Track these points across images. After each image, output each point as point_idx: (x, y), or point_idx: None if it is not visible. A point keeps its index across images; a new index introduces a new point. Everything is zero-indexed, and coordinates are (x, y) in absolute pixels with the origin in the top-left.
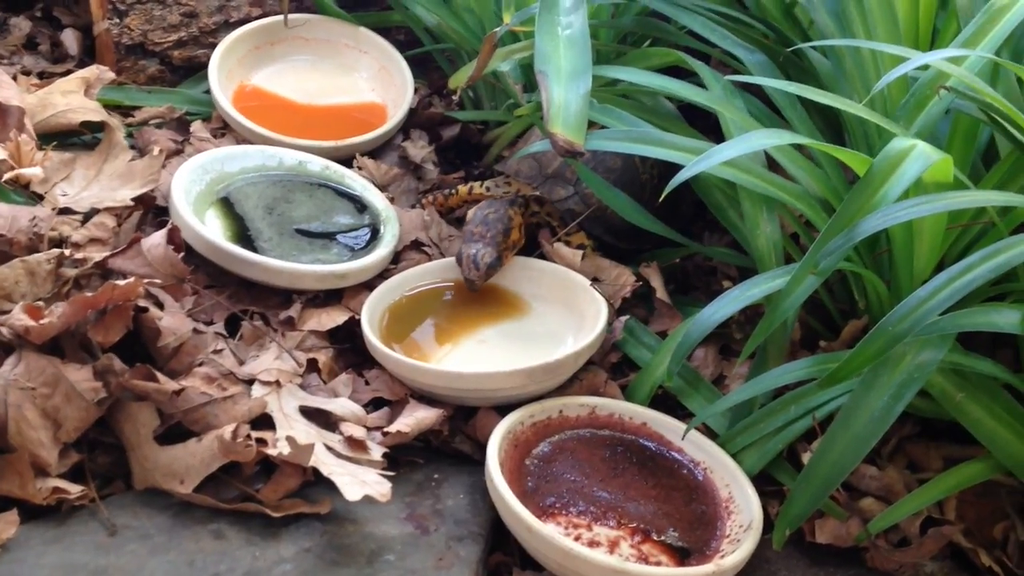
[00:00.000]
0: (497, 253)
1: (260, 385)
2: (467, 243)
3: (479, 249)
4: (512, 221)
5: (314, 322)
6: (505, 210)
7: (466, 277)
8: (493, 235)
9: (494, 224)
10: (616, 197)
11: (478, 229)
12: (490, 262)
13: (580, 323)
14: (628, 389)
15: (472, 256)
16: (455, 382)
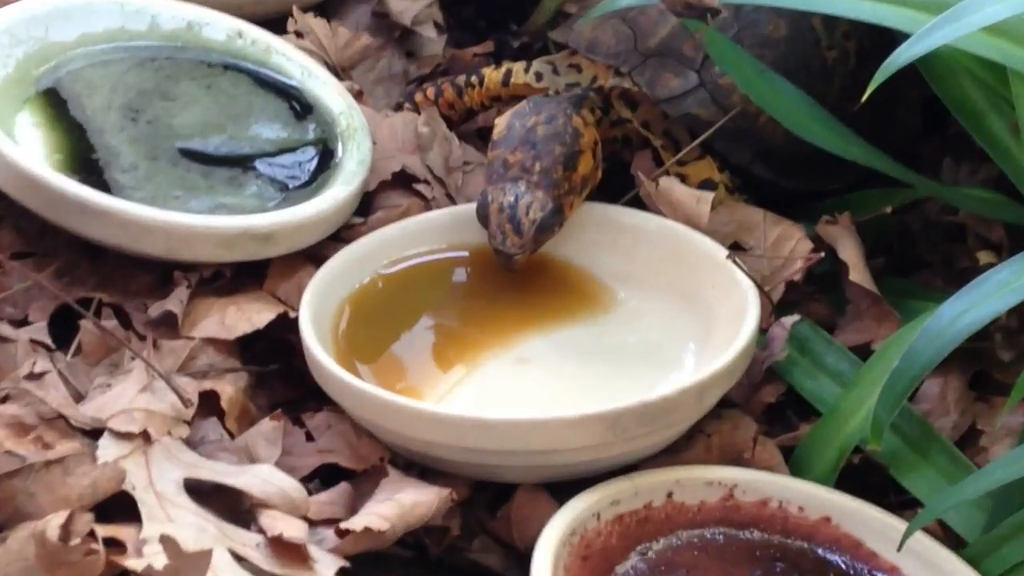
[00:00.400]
0: (554, 200)
1: (113, 439)
2: (497, 182)
3: (520, 194)
4: (580, 139)
5: (213, 323)
6: (566, 118)
7: (497, 248)
8: (545, 166)
9: (546, 145)
10: (779, 93)
11: (517, 155)
12: (542, 218)
13: (707, 328)
14: (797, 454)
15: (508, 208)
16: (472, 436)
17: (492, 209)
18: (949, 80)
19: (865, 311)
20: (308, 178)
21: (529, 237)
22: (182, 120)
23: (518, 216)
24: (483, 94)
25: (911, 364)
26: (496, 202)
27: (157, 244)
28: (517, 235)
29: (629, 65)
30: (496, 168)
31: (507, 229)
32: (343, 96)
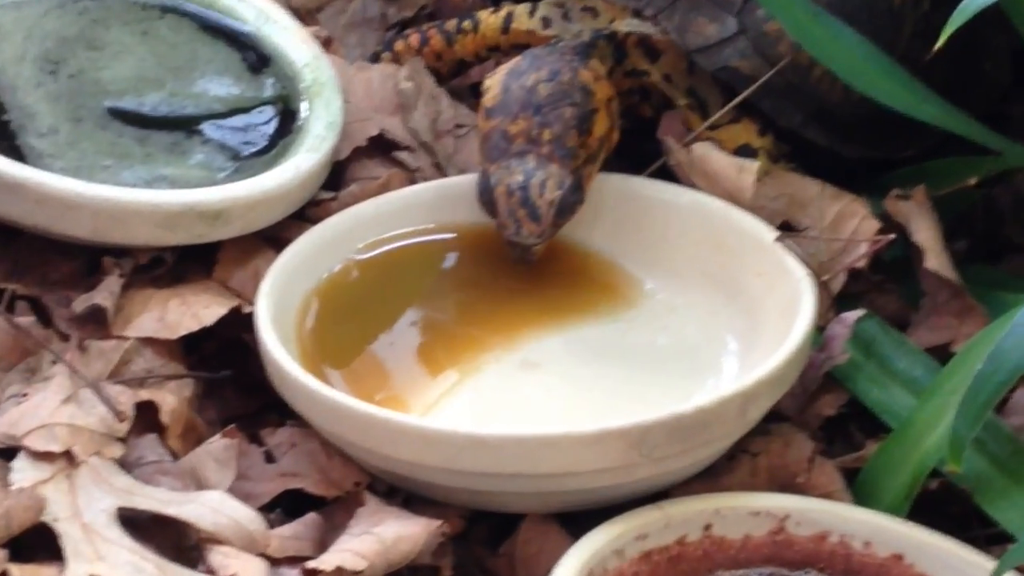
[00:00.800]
0: (572, 174)
1: (30, 461)
2: (499, 159)
3: (530, 171)
4: (592, 95)
5: (151, 319)
6: (572, 72)
7: (511, 239)
8: (556, 133)
9: (553, 107)
10: (837, 41)
11: (520, 123)
12: (561, 197)
13: (752, 326)
14: (862, 478)
15: (519, 189)
16: (467, 457)
17: (499, 193)
18: None
19: (944, 305)
20: (266, 144)
21: (548, 222)
22: (112, 74)
23: (532, 198)
24: (478, 42)
25: (998, 368)
26: (502, 184)
27: (82, 224)
28: (534, 222)
29: (655, 7)
30: (495, 142)
31: (521, 216)
32: (308, 45)
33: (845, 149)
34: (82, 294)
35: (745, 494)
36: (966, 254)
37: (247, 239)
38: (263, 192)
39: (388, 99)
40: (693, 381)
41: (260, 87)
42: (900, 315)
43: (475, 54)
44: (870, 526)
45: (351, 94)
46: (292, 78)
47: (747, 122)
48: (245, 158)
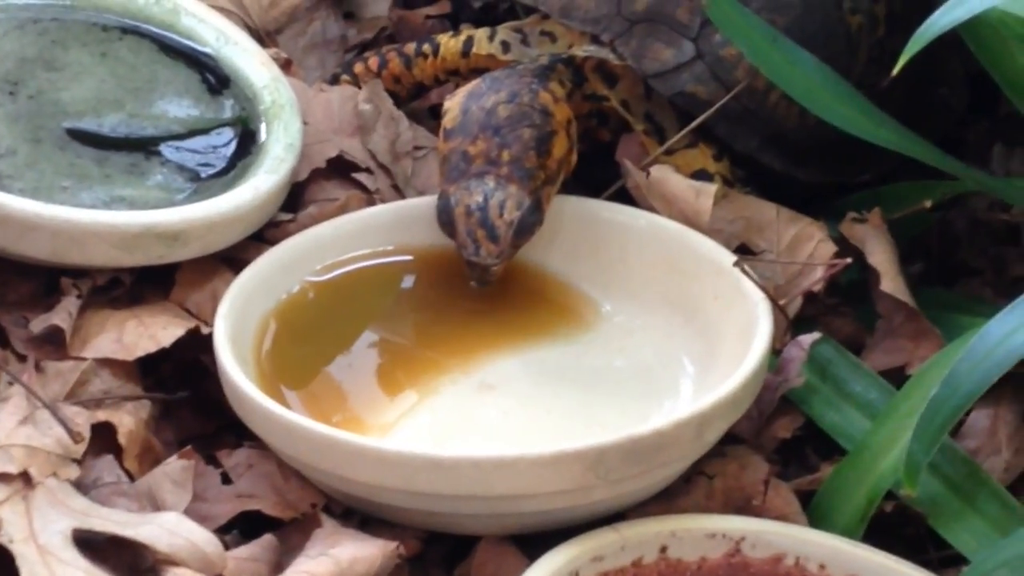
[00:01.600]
0: (530, 194)
1: None
2: (458, 180)
3: (489, 192)
4: (551, 117)
5: (108, 340)
6: (531, 94)
7: (470, 259)
8: (515, 155)
9: (512, 128)
10: (795, 66)
11: (479, 145)
12: (520, 218)
13: (709, 349)
14: (817, 500)
15: (477, 210)
16: (424, 478)
17: (457, 214)
18: (998, 50)
19: (899, 328)
20: (224, 165)
21: (507, 242)
22: (71, 95)
23: (490, 219)
24: (437, 66)
25: (953, 391)
26: (461, 204)
27: (40, 245)
28: (492, 242)
29: (612, 32)
30: (455, 163)
31: (479, 236)
32: (267, 67)
33: (801, 173)
34: (39, 315)
35: (701, 516)
36: (921, 277)
37: (205, 260)
38: (221, 213)
39: (347, 121)
40: (650, 403)
41: (219, 108)
42: (855, 338)
43: (434, 78)
44: (825, 548)
45: (310, 115)
46: (251, 99)
47: (703, 147)
48: (204, 179)
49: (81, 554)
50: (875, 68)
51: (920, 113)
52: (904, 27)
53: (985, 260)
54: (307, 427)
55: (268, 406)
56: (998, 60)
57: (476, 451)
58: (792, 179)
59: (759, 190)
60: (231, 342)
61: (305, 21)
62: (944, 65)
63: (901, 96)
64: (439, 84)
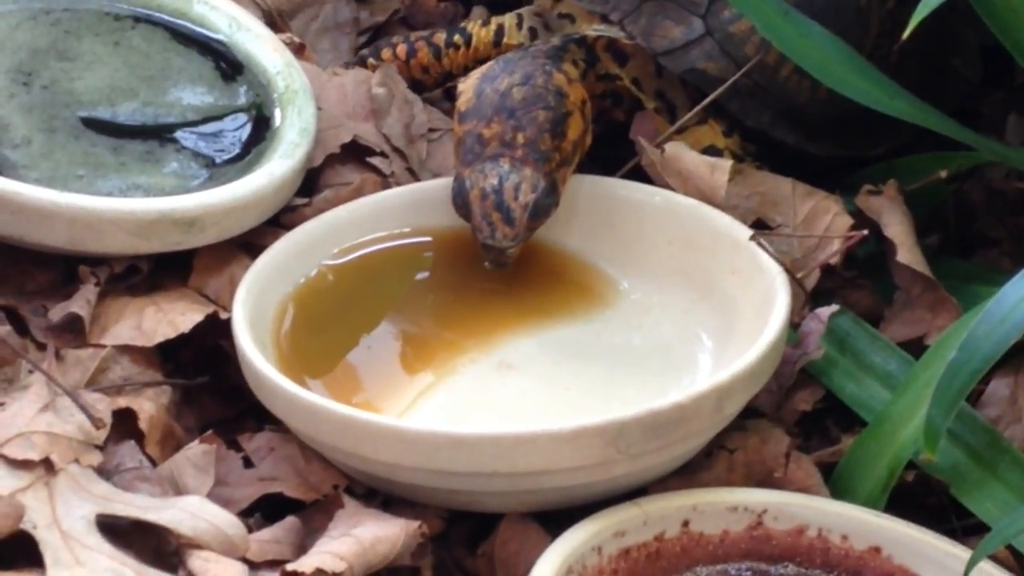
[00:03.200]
0: (545, 177)
1: (8, 469)
2: (473, 163)
3: (504, 174)
4: (565, 98)
5: (127, 327)
6: (545, 76)
7: (485, 242)
8: (530, 137)
9: (527, 110)
10: (807, 39)
11: (493, 127)
12: (535, 200)
13: (727, 323)
14: (838, 472)
15: (492, 192)
16: (445, 456)
17: (473, 196)
18: (1009, 19)
19: (917, 299)
20: (240, 151)
21: (523, 225)
22: (85, 84)
23: (506, 201)
24: (469, 56)
25: (971, 356)
26: (476, 187)
27: (57, 233)
28: (508, 225)
29: (620, 11)
30: (469, 146)
31: (495, 219)
32: (280, 52)
33: (813, 147)
34: (58, 303)
35: (723, 490)
36: (939, 248)
37: (222, 246)
38: (237, 199)
39: (361, 104)
40: (669, 379)
41: (233, 95)
42: (874, 310)
43: (464, 68)
44: (848, 519)
45: (324, 100)
46: (265, 85)
47: (712, 123)
48: (219, 165)
49: (105, 539)
50: (886, 41)
51: (934, 85)
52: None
53: (1003, 230)
54: (328, 408)
55: (289, 388)
56: (1009, 28)
57: (496, 429)
58: (805, 153)
59: (772, 165)
60: (250, 326)
61: (317, 5)
62: (957, 37)
63: (915, 68)
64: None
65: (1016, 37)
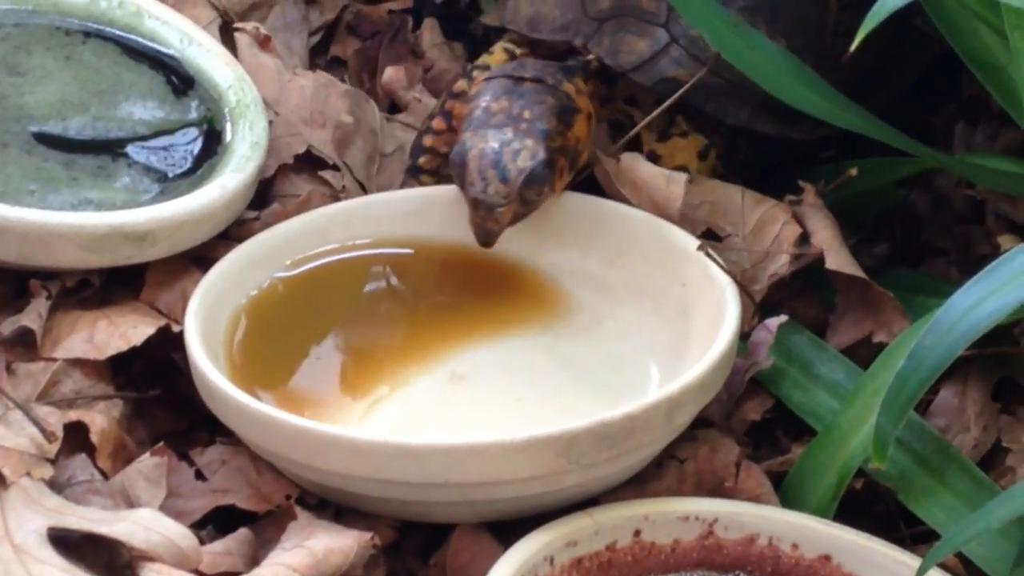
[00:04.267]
0: (546, 151)
1: None
2: (477, 129)
3: (506, 140)
4: (574, 101)
5: (79, 340)
6: (557, 80)
7: (476, 197)
8: (536, 114)
9: (536, 95)
10: (755, 50)
11: (502, 103)
12: (532, 167)
13: (678, 336)
14: (788, 481)
15: (492, 153)
16: (396, 466)
17: (471, 155)
18: (959, 25)
19: (856, 301)
20: (191, 165)
21: (516, 185)
22: (36, 99)
23: (503, 161)
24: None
25: (919, 364)
26: (476, 148)
27: (8, 248)
28: (502, 182)
29: (582, 36)
30: (475, 116)
31: (489, 175)
32: (231, 67)
33: (796, 132)
34: (9, 317)
35: (674, 499)
36: (887, 258)
37: (174, 260)
38: (189, 213)
39: (318, 111)
40: (621, 390)
41: (185, 109)
42: (821, 320)
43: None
44: (798, 528)
45: (283, 102)
46: (217, 100)
47: (694, 139)
48: (170, 180)
49: (57, 552)
50: (848, 15)
51: (897, 49)
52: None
53: (949, 240)
54: (279, 419)
55: (241, 399)
56: (960, 34)
57: (447, 439)
58: (789, 141)
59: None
60: (202, 338)
61: (267, 6)
62: (905, 36)
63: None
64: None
65: (971, 47)
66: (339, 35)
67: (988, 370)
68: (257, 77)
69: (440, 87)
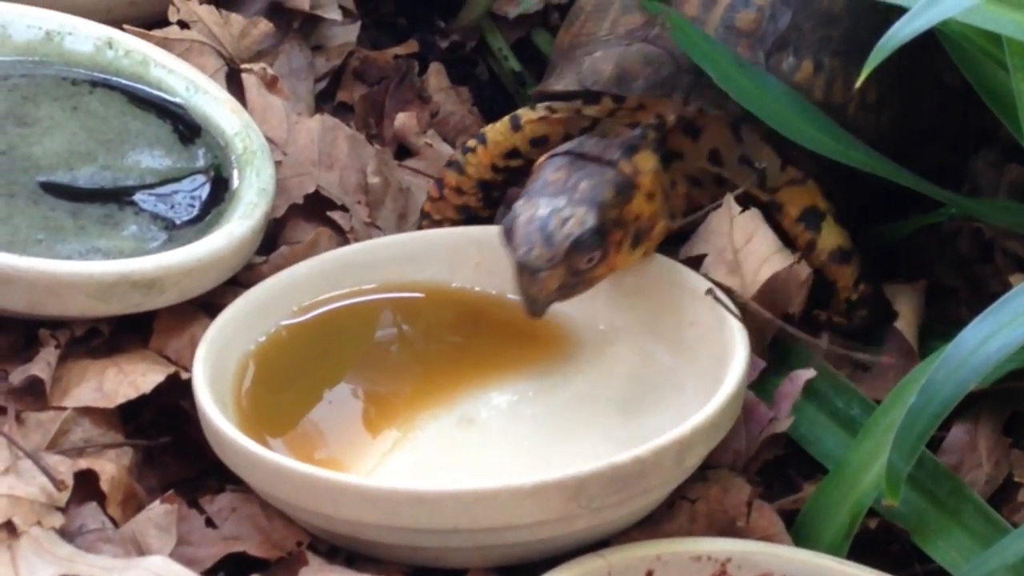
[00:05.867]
0: (597, 220)
1: None
2: (531, 196)
3: (558, 208)
4: (633, 180)
5: (88, 389)
6: (614, 160)
7: (520, 261)
8: (593, 184)
9: (596, 170)
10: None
11: (559, 174)
12: (580, 233)
13: (687, 377)
14: (801, 520)
15: (540, 219)
16: (406, 513)
17: (520, 220)
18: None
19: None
20: (198, 212)
21: (562, 250)
22: (43, 149)
23: (551, 226)
24: (490, 152)
25: (930, 400)
26: (526, 213)
27: (17, 297)
28: (546, 246)
29: (682, 89)
30: (532, 185)
31: (535, 239)
32: (238, 114)
33: None
34: (19, 367)
35: (686, 539)
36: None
37: (182, 307)
38: (197, 260)
39: (326, 153)
40: (631, 432)
41: (192, 157)
42: (834, 359)
43: (492, 167)
44: (811, 567)
45: (291, 143)
46: (223, 147)
47: (812, 184)
48: (178, 227)
49: None
50: None
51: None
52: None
53: (959, 279)
54: (288, 467)
55: (250, 448)
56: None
57: (457, 485)
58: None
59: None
60: (210, 385)
61: (272, 54)
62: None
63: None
64: (498, 174)
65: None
66: (346, 80)
67: (999, 406)
68: (265, 118)
69: (447, 131)
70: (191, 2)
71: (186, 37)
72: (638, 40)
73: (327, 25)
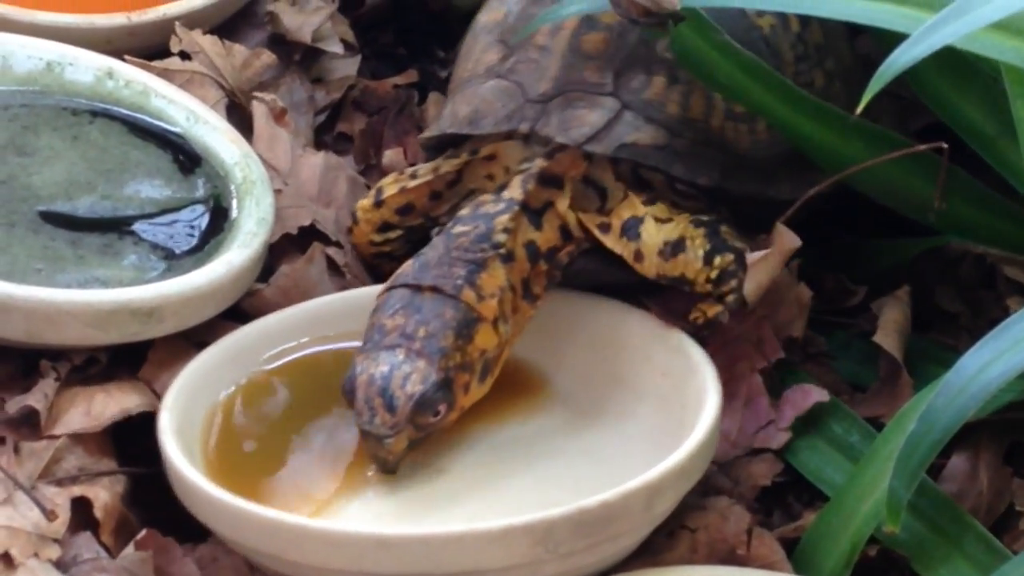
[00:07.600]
0: (438, 372)
1: None
2: (371, 350)
3: (396, 364)
4: (475, 310)
5: (77, 414)
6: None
7: (363, 428)
8: (431, 331)
9: (434, 308)
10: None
11: (397, 319)
12: (422, 392)
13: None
14: (801, 547)
15: (380, 379)
16: (372, 558)
17: (360, 381)
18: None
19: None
20: (198, 242)
21: (404, 415)
22: (43, 179)
23: (391, 389)
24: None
25: (931, 426)
26: (366, 373)
27: (15, 326)
28: (388, 412)
29: (528, 121)
30: (370, 336)
31: (377, 404)
32: (237, 144)
33: (773, 191)
34: (14, 397)
35: (686, 569)
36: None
37: (176, 341)
38: (195, 289)
39: (326, 191)
40: (602, 481)
41: (191, 187)
42: (835, 387)
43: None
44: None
45: (293, 175)
46: (223, 177)
47: (632, 197)
48: (177, 257)
49: None
50: (805, 66)
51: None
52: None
53: (960, 304)
54: (253, 512)
55: (214, 494)
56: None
57: (422, 529)
58: (767, 198)
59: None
60: (177, 433)
61: (273, 87)
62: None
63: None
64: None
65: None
66: (346, 111)
67: (1000, 435)
68: (271, 146)
69: None
70: (194, 32)
71: (187, 68)
72: (493, 76)
73: (328, 58)
